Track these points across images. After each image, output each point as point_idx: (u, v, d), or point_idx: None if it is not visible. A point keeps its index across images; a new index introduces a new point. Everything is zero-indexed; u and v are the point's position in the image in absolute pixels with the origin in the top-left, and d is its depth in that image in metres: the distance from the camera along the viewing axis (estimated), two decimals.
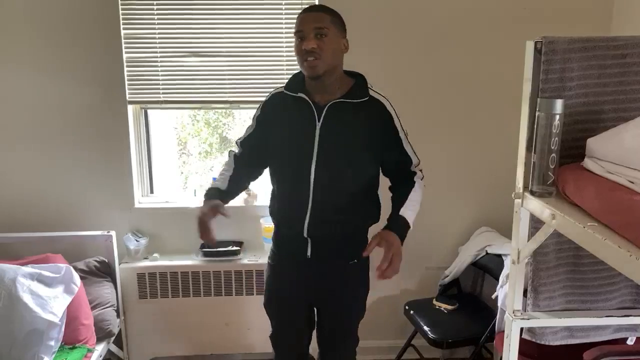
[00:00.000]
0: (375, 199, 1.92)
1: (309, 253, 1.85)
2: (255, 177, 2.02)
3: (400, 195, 1.84)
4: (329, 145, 1.77)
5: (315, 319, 2.03)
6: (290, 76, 1.90)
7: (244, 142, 1.95)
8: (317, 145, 1.77)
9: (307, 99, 1.78)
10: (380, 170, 1.90)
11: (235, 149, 1.98)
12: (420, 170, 1.90)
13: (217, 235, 2.84)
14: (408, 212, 1.80)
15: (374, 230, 1.83)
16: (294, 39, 1.78)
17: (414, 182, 1.86)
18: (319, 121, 1.77)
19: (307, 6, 1.81)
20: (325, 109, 1.77)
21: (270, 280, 2.01)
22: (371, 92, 1.80)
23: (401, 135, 1.83)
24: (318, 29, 1.71)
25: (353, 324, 2.02)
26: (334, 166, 1.77)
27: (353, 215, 1.84)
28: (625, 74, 1.48)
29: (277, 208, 1.90)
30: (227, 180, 1.93)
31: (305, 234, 1.82)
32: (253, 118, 1.93)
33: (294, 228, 1.84)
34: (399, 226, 1.77)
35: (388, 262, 1.67)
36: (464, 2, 2.71)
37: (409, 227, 1.78)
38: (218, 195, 1.89)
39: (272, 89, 1.92)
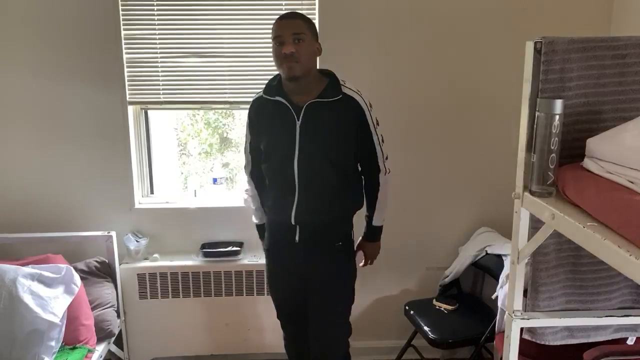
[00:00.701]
0: (358, 188, 2.13)
1: (297, 238, 2.05)
2: None
3: (370, 202, 2.15)
4: (309, 143, 1.95)
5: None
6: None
7: (250, 151, 2.15)
8: (298, 143, 1.95)
9: (284, 102, 1.95)
10: None
11: (247, 163, 2.18)
12: (385, 162, 2.08)
13: (217, 236, 2.87)
14: (379, 218, 2.16)
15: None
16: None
17: (379, 184, 2.10)
18: (298, 120, 1.94)
19: (284, 13, 1.98)
20: (303, 109, 1.93)
21: (267, 264, 2.24)
22: (344, 89, 1.96)
23: (371, 128, 2.00)
24: (296, 35, 1.87)
25: (341, 305, 2.16)
26: (314, 160, 1.96)
27: (335, 204, 2.03)
28: (624, 74, 1.48)
29: (269, 199, 2.11)
30: (261, 212, 2.21)
31: (292, 222, 2.01)
32: (246, 126, 2.12)
33: (283, 217, 2.04)
34: (374, 235, 2.20)
35: (368, 263, 2.27)
36: (463, 3, 2.71)
37: (381, 228, 2.20)
38: (264, 231, 2.23)
39: (254, 96, 2.08)
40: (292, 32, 1.87)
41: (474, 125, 2.83)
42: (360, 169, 2.12)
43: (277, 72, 2.01)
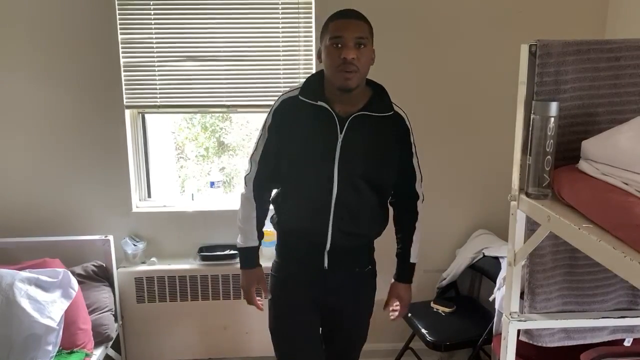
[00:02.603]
0: (387, 208, 1.92)
1: (326, 264, 1.81)
2: (276, 188, 1.92)
3: (406, 235, 1.93)
4: (351, 159, 1.73)
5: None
6: (287, 81, 1.88)
7: (261, 159, 1.83)
8: (339, 158, 1.72)
9: (329, 108, 1.72)
10: None
11: (250, 171, 1.86)
12: (422, 186, 1.91)
13: (214, 239, 2.86)
14: (416, 254, 1.94)
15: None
16: (326, 43, 1.67)
17: (418, 213, 1.91)
18: (341, 133, 1.72)
19: (343, 10, 1.70)
20: (348, 122, 1.72)
21: (280, 296, 1.90)
22: (394, 107, 1.80)
23: (413, 150, 1.85)
24: (359, 39, 1.64)
25: (366, 333, 2.01)
26: (355, 179, 1.74)
27: (370, 226, 1.85)
28: (619, 76, 1.49)
29: (292, 219, 1.83)
30: (254, 229, 1.88)
31: (327, 246, 1.78)
32: (263, 128, 1.82)
33: (313, 240, 1.79)
34: (410, 274, 1.95)
35: (401, 314, 1.99)
36: (459, 6, 2.72)
37: (415, 267, 1.96)
38: (255, 257, 1.92)
39: (281, 95, 1.81)
40: (356, 35, 1.63)
41: (471, 128, 2.83)
42: (394, 195, 1.92)
43: (309, 73, 1.82)
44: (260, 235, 1.91)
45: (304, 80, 1.81)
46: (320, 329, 1.95)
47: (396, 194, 1.91)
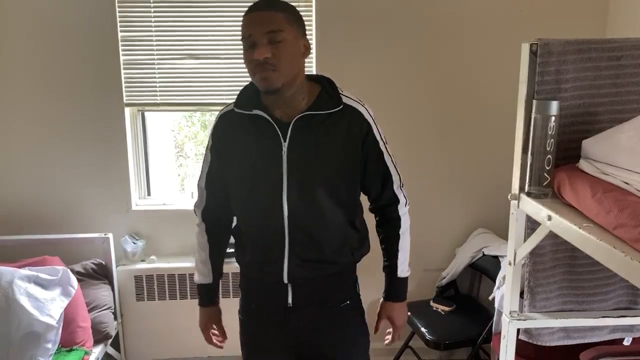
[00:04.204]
0: (363, 227, 1.62)
1: (289, 300, 1.54)
2: (232, 216, 1.67)
3: (391, 245, 1.62)
4: (301, 169, 1.45)
5: None
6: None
7: (207, 184, 1.62)
8: (287, 171, 1.45)
9: (265, 116, 1.45)
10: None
11: (199, 200, 1.66)
12: (402, 188, 1.62)
13: None
14: (404, 267, 1.64)
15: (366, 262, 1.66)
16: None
17: (399, 218, 1.61)
18: (284, 141, 1.45)
19: (256, 3, 1.40)
20: (291, 126, 1.44)
21: (245, 340, 1.71)
22: (344, 100, 1.48)
23: (381, 146, 1.54)
24: (271, 33, 1.35)
25: None
26: (310, 193, 1.46)
27: (339, 252, 1.54)
28: (619, 75, 1.49)
29: (245, 250, 1.58)
30: (208, 268, 1.67)
31: (285, 279, 1.51)
32: (206, 149, 1.61)
33: (269, 273, 1.54)
34: (401, 291, 1.65)
35: (394, 340, 1.68)
36: (460, 5, 2.72)
37: (407, 281, 1.66)
38: (209, 295, 1.73)
39: (219, 111, 1.58)
40: (266, 29, 1.35)
41: (471, 127, 2.83)
42: (370, 202, 1.64)
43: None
44: (216, 270, 1.68)
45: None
46: None
47: (373, 200, 1.62)
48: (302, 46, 1.44)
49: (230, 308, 2.06)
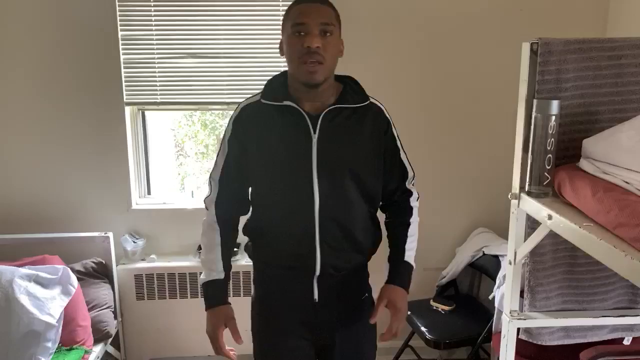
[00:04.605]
0: (377, 221, 1.64)
1: (316, 295, 1.54)
2: (244, 212, 1.64)
3: (400, 232, 1.63)
4: (331, 161, 1.48)
5: None
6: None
7: (222, 177, 1.58)
8: (317, 163, 1.47)
9: (297, 107, 1.47)
10: None
11: (212, 192, 1.61)
12: (413, 185, 1.67)
13: None
14: (411, 253, 1.62)
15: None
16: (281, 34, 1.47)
17: (412, 208, 1.65)
18: (314, 133, 1.47)
19: None
20: (321, 118, 1.47)
21: (265, 341, 1.64)
22: (370, 98, 1.56)
23: (398, 143, 1.61)
24: (324, 25, 1.41)
25: None
26: (339, 185, 1.49)
27: (364, 240, 1.56)
28: (620, 75, 1.49)
29: (267, 245, 1.56)
30: (219, 262, 1.58)
31: (317, 271, 1.50)
32: (223, 140, 1.57)
33: (298, 266, 1.52)
34: (405, 278, 1.60)
35: (394, 331, 1.56)
36: (460, 4, 2.71)
37: (412, 272, 1.63)
38: (220, 293, 1.60)
39: (241, 102, 1.57)
40: (320, 20, 1.40)
41: (471, 126, 2.83)
42: (384, 196, 1.63)
43: (276, 74, 1.56)
44: (227, 266, 1.60)
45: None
46: None
47: (388, 194, 1.63)
48: (341, 45, 1.52)
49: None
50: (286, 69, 1.53)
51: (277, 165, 1.49)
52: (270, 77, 1.56)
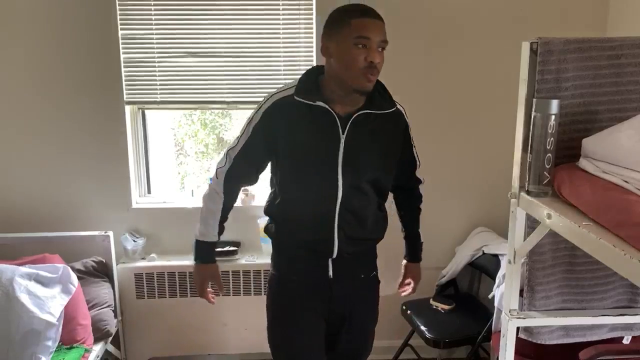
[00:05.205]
0: (385, 210, 1.82)
1: (330, 273, 1.71)
2: (249, 185, 1.90)
3: (413, 216, 1.96)
4: (355, 160, 1.63)
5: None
6: (288, 78, 1.79)
7: (238, 156, 1.71)
8: (342, 161, 1.62)
9: (330, 109, 1.60)
10: None
11: (224, 165, 1.73)
12: (419, 172, 1.91)
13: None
14: (421, 232, 1.98)
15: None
16: (346, 42, 1.52)
17: (420, 195, 1.95)
18: (343, 133, 1.61)
19: (362, 7, 1.58)
20: (351, 121, 1.61)
21: (283, 312, 1.78)
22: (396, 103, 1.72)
23: (412, 142, 1.82)
24: (383, 42, 1.55)
25: (372, 340, 1.94)
26: (360, 182, 1.65)
27: (375, 229, 1.76)
28: (620, 74, 1.49)
29: (289, 230, 1.72)
30: (216, 224, 1.79)
31: (334, 254, 1.68)
32: (248, 124, 1.69)
33: (317, 249, 1.69)
34: (420, 253, 2.00)
35: (414, 292, 2.00)
36: (460, 3, 2.72)
37: (422, 245, 2.01)
38: (211, 253, 1.83)
39: (272, 94, 1.67)
40: (381, 37, 1.54)
41: (471, 125, 2.83)
42: (396, 184, 1.84)
43: (297, 71, 1.74)
44: (221, 230, 1.81)
45: (298, 78, 1.67)
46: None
47: (401, 183, 1.87)
48: None
49: (232, 308, 2.06)
50: (294, 67, 1.65)
51: (306, 160, 1.64)
52: (304, 72, 1.68)
